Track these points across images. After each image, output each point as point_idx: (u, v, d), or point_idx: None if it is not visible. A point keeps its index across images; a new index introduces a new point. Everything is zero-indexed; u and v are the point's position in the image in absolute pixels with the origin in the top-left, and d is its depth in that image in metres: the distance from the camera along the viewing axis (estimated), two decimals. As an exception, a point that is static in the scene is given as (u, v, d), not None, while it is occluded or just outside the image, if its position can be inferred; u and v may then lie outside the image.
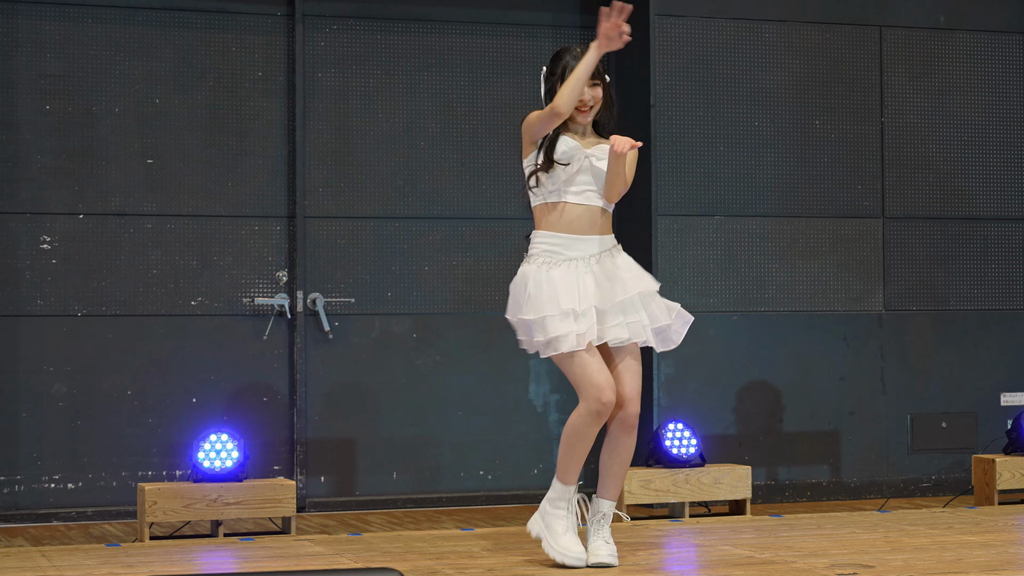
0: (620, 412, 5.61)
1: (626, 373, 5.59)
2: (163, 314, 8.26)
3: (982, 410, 9.10)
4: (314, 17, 8.52)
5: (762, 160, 8.80)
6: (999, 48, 9.19)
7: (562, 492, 5.65)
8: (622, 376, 5.59)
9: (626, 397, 5.58)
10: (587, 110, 5.63)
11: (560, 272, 5.55)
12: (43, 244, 8.11)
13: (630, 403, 5.59)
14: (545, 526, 5.65)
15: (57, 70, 8.14)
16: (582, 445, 5.60)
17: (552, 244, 5.60)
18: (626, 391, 5.59)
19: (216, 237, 8.35)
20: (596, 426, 5.55)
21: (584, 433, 5.56)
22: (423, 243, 8.62)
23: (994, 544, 6.20)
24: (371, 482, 8.51)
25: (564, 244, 5.59)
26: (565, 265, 5.57)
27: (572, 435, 5.58)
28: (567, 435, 5.59)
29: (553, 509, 5.64)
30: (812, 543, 6.27)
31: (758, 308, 8.78)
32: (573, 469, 5.64)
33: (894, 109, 9.02)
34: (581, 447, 5.60)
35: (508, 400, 8.72)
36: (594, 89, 5.63)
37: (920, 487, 9.00)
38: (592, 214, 5.61)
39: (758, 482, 8.63)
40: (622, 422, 5.62)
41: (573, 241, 5.59)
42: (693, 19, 8.69)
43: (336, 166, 8.53)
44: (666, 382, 8.52)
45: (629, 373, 5.59)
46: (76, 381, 8.12)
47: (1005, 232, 9.19)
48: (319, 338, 8.46)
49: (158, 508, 6.93)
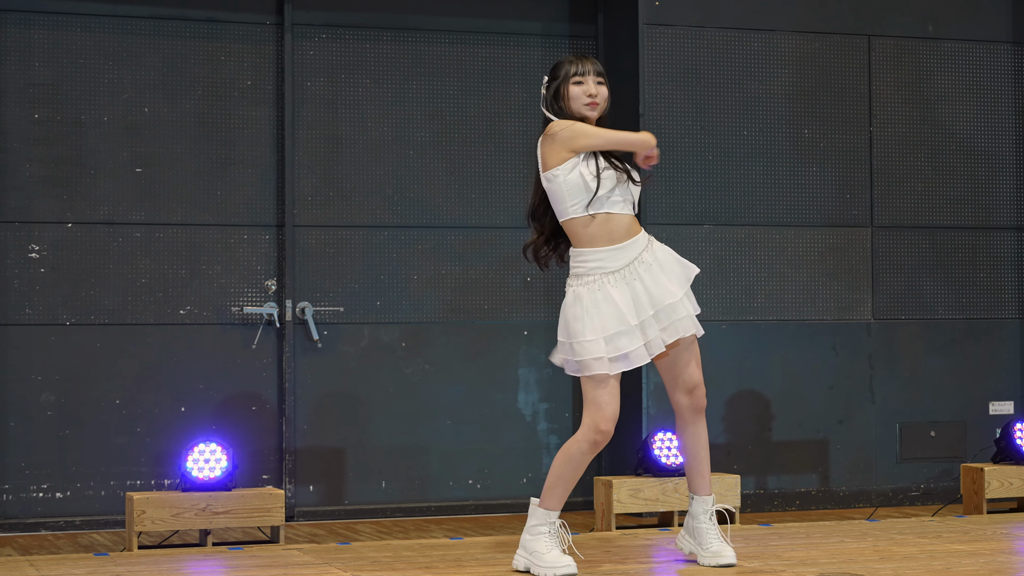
0: (688, 399, 5.71)
1: (691, 361, 5.70)
2: (152, 323, 8.25)
3: (971, 419, 9.11)
4: (303, 26, 8.52)
5: (751, 169, 8.81)
6: (987, 57, 9.21)
7: (544, 517, 5.65)
8: (688, 364, 5.69)
9: (693, 384, 5.71)
10: (595, 105, 5.68)
11: (611, 288, 5.58)
12: (32, 253, 8.10)
13: (697, 388, 5.72)
14: (528, 553, 5.66)
15: (46, 79, 8.14)
16: (574, 473, 5.63)
17: (600, 259, 5.62)
18: (693, 378, 5.71)
19: (205, 246, 8.35)
20: (591, 454, 5.60)
21: (576, 459, 5.61)
22: (412, 252, 8.62)
23: (983, 553, 6.20)
24: (360, 491, 8.50)
25: (611, 257, 5.62)
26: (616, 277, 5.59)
27: (565, 461, 5.62)
28: (560, 461, 5.62)
29: (534, 535, 5.65)
30: (801, 552, 6.27)
31: (747, 317, 8.79)
32: (559, 496, 5.66)
33: (883, 118, 9.04)
34: (570, 473, 5.63)
35: (497, 409, 8.71)
36: (600, 87, 5.68)
37: (909, 496, 9.01)
38: (626, 221, 5.66)
39: (747, 491, 8.63)
40: (691, 408, 5.73)
41: (618, 252, 5.62)
42: (682, 28, 8.71)
43: (325, 175, 8.53)
44: (655, 391, 8.52)
45: (694, 361, 5.71)
46: (64, 390, 8.11)
47: (993, 241, 9.21)
48: (308, 347, 8.46)
49: (146, 517, 6.92)
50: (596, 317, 5.56)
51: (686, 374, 5.71)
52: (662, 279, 5.62)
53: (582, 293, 5.61)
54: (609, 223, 5.63)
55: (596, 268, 5.61)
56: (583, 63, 5.69)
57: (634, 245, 5.65)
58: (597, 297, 5.59)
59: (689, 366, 5.71)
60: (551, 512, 5.66)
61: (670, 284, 5.63)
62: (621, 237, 5.63)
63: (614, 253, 5.62)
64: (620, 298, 5.57)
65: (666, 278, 5.63)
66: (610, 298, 5.57)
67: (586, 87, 5.66)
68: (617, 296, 5.57)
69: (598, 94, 5.68)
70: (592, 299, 5.58)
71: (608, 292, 5.58)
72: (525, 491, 8.70)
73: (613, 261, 5.61)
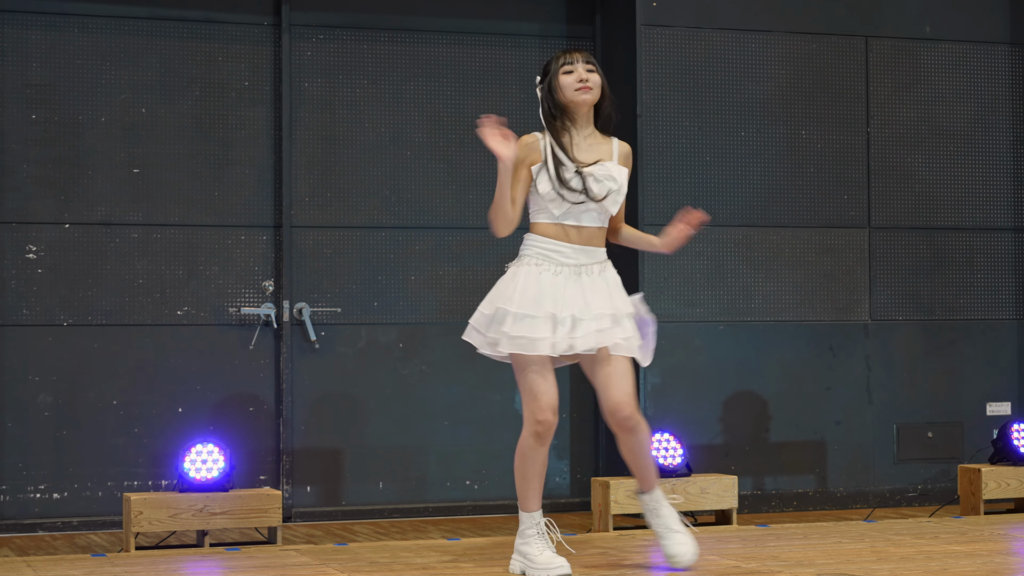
0: (612, 418, 5.63)
1: (612, 378, 5.59)
2: (149, 324, 8.25)
3: (968, 420, 9.12)
4: (300, 27, 8.52)
5: (748, 170, 8.81)
6: (985, 58, 9.21)
7: (527, 520, 5.65)
8: (609, 382, 5.59)
9: (615, 402, 5.58)
10: (588, 89, 5.61)
11: (549, 276, 5.56)
12: (29, 254, 8.10)
13: (620, 408, 5.58)
14: (523, 557, 5.66)
15: (43, 79, 8.13)
16: (530, 469, 5.61)
17: (545, 249, 5.60)
18: (614, 397, 5.58)
19: (202, 247, 8.34)
20: (538, 447, 5.57)
21: (528, 456, 5.59)
22: (410, 253, 8.62)
23: (980, 554, 6.20)
24: (357, 492, 8.50)
25: (557, 251, 5.60)
26: (555, 270, 5.58)
27: (519, 460, 5.63)
28: (517, 462, 5.63)
29: (523, 541, 5.65)
30: (798, 553, 6.27)
31: (744, 318, 8.79)
32: (530, 495, 5.64)
33: (880, 119, 9.04)
34: (529, 471, 5.61)
35: (494, 410, 8.71)
36: (590, 73, 5.62)
37: (906, 497, 9.01)
38: (589, 232, 5.64)
39: (744, 492, 8.63)
40: (619, 426, 5.63)
41: (566, 248, 5.60)
42: (679, 29, 8.71)
43: (322, 176, 8.53)
44: (652, 392, 8.52)
45: (615, 377, 5.58)
46: (61, 391, 8.11)
47: (991, 242, 9.21)
48: (305, 348, 8.46)
49: (144, 518, 6.92)
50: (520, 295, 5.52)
51: (607, 394, 5.60)
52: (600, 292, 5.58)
53: (519, 271, 5.59)
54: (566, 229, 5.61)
55: (540, 255, 5.59)
56: (570, 53, 5.65)
57: (588, 252, 5.62)
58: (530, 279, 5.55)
59: (609, 386, 5.59)
60: (533, 513, 5.64)
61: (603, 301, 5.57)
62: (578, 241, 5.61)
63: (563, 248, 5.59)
64: (549, 286, 5.53)
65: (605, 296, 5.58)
66: (541, 282, 5.54)
67: (576, 73, 5.61)
68: (547, 283, 5.54)
69: (589, 78, 5.61)
70: (526, 278, 5.55)
71: (541, 277, 5.55)
72: (522, 492, 8.70)
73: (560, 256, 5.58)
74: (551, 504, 8.72)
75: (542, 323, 5.51)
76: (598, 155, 5.66)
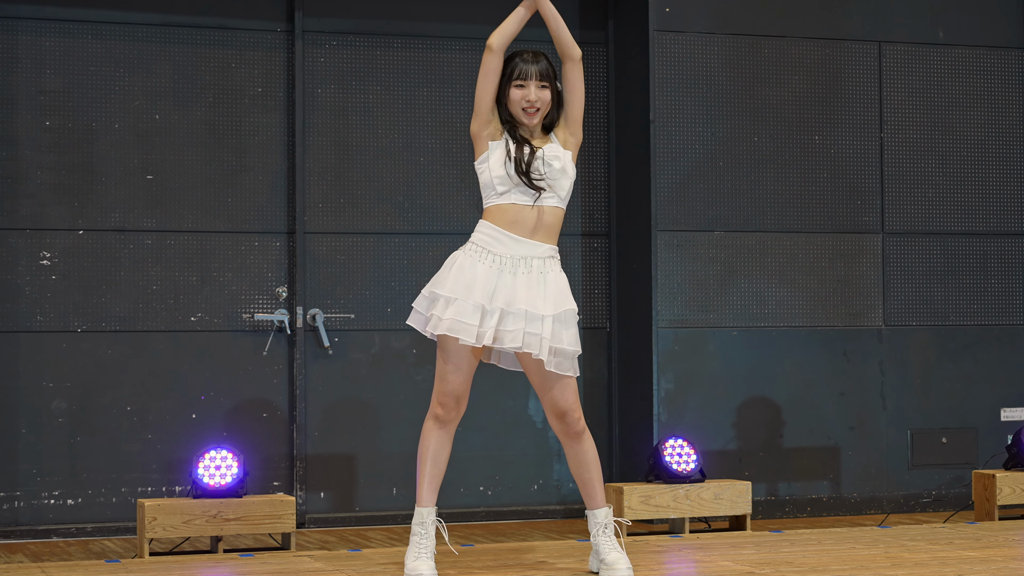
0: (559, 423, 5.62)
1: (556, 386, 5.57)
2: (163, 330, 8.26)
3: (982, 425, 9.10)
4: (314, 33, 8.53)
5: (762, 176, 8.81)
6: (998, 63, 9.20)
7: (416, 515, 5.63)
8: (552, 390, 5.58)
9: (561, 410, 5.58)
10: (534, 112, 5.58)
11: (484, 267, 5.53)
12: (43, 260, 8.11)
13: (566, 415, 5.58)
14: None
15: (57, 86, 8.15)
16: (425, 455, 5.58)
17: (489, 236, 5.57)
18: (559, 405, 5.58)
19: (216, 253, 8.36)
20: (435, 432, 5.57)
21: (426, 440, 5.59)
22: (423, 259, 8.62)
23: (995, 560, 6.19)
24: (371, 498, 8.50)
25: (498, 240, 5.56)
26: (491, 260, 5.55)
27: (419, 447, 5.61)
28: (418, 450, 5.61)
29: (412, 536, 5.63)
30: (812, 558, 6.26)
31: (758, 323, 8.78)
32: (424, 487, 5.59)
33: (893, 124, 9.03)
34: (425, 458, 5.58)
35: (508, 415, 8.71)
36: (541, 91, 5.58)
37: (920, 502, 8.99)
38: (538, 216, 5.58)
39: (758, 497, 8.63)
40: (564, 433, 5.63)
41: (508, 239, 5.56)
42: (692, 35, 8.70)
43: (336, 182, 8.54)
44: (666, 398, 8.52)
45: (558, 386, 5.57)
46: (75, 397, 8.12)
47: (1005, 247, 9.20)
48: (319, 354, 8.46)
49: (158, 524, 6.92)
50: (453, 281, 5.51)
51: (553, 399, 5.57)
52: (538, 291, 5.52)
53: (458, 258, 5.57)
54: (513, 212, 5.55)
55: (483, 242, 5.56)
56: (527, 64, 5.60)
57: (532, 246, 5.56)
58: (465, 264, 5.53)
59: (557, 391, 5.56)
60: (420, 509, 5.60)
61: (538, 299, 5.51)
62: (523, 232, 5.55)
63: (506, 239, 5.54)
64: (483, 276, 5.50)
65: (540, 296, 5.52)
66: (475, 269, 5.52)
67: (525, 91, 5.57)
68: (482, 273, 5.51)
69: (538, 99, 5.57)
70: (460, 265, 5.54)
71: (476, 266, 5.52)
72: (536, 498, 8.70)
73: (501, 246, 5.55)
74: (564, 510, 8.72)
75: (471, 311, 5.49)
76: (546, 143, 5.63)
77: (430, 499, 5.61)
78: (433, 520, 5.63)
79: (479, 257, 5.55)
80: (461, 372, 5.58)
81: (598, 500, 5.69)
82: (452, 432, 5.62)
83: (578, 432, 5.62)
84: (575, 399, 5.59)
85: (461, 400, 5.58)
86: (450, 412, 5.56)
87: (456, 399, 5.56)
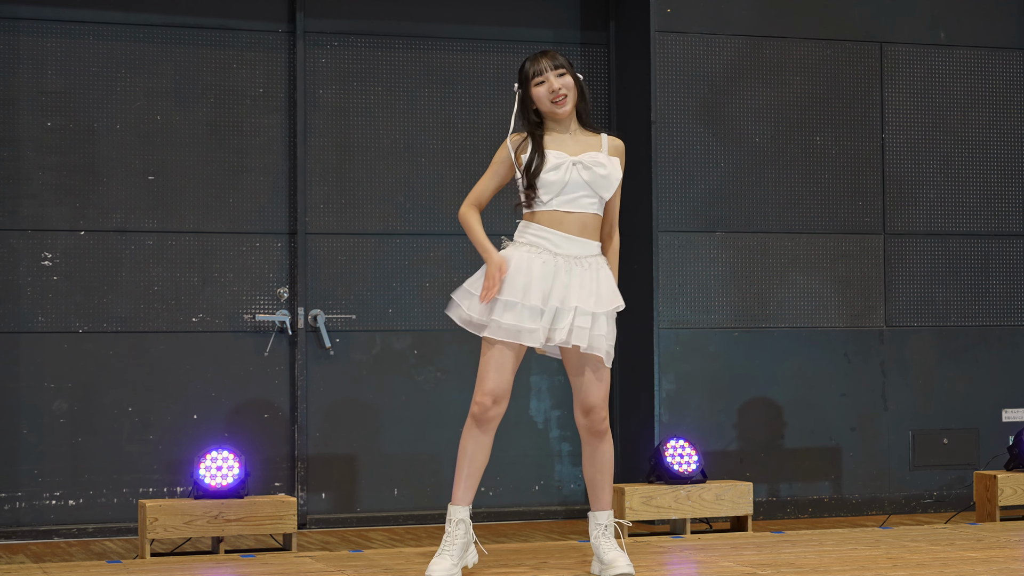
0: (584, 419, 5.65)
1: (590, 381, 5.60)
2: (164, 331, 8.26)
3: (983, 426, 9.10)
4: (315, 34, 8.53)
5: (763, 176, 8.81)
6: (999, 64, 9.20)
7: (449, 512, 5.64)
8: (585, 384, 5.61)
9: (589, 405, 5.62)
10: (562, 99, 5.62)
11: (539, 265, 5.55)
12: (44, 261, 8.11)
13: (593, 411, 5.62)
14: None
15: (58, 87, 8.15)
16: (463, 456, 5.58)
17: (539, 236, 5.60)
18: (589, 399, 5.61)
19: (217, 253, 8.36)
20: (472, 432, 5.56)
21: (464, 438, 5.59)
22: (424, 259, 8.63)
23: (996, 560, 6.19)
24: (372, 499, 8.50)
25: (550, 240, 5.59)
26: (545, 259, 5.57)
27: (460, 443, 5.61)
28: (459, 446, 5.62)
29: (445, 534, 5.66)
30: (814, 559, 6.26)
31: (759, 324, 8.78)
32: (459, 486, 5.61)
33: (895, 125, 9.03)
34: (462, 458, 5.58)
35: (509, 416, 8.69)
36: (562, 79, 5.62)
37: (922, 503, 8.99)
38: (583, 219, 5.62)
39: (760, 498, 8.63)
40: (588, 429, 5.66)
41: (560, 239, 5.60)
42: (694, 35, 8.71)
43: (337, 182, 8.54)
44: (667, 398, 8.52)
45: (592, 382, 5.60)
46: (77, 397, 8.12)
47: (1006, 248, 9.20)
48: (320, 354, 8.46)
49: (159, 525, 6.92)
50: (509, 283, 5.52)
51: (584, 393, 5.62)
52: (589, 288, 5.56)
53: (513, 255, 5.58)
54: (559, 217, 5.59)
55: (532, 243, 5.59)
56: (537, 61, 5.64)
57: (582, 244, 5.60)
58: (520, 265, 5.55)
59: (589, 386, 5.60)
60: (453, 507, 5.62)
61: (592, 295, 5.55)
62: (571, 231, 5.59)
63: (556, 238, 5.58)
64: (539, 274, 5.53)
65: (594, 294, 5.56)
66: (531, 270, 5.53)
67: (548, 84, 5.62)
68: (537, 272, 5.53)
69: (561, 86, 5.61)
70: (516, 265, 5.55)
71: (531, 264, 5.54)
72: (537, 499, 8.69)
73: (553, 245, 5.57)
74: (565, 511, 8.72)
75: (529, 313, 5.51)
76: (586, 148, 5.67)
77: (464, 498, 5.63)
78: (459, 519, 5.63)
79: (531, 255, 5.57)
80: (502, 370, 5.56)
81: (604, 503, 5.73)
82: (491, 432, 5.60)
83: (600, 431, 5.66)
84: (603, 398, 5.64)
85: (500, 400, 5.57)
86: (487, 411, 5.55)
87: (494, 397, 5.55)
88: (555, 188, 5.58)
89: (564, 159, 5.60)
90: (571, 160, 5.60)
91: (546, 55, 5.66)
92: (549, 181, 5.58)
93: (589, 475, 5.73)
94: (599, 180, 5.61)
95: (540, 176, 5.58)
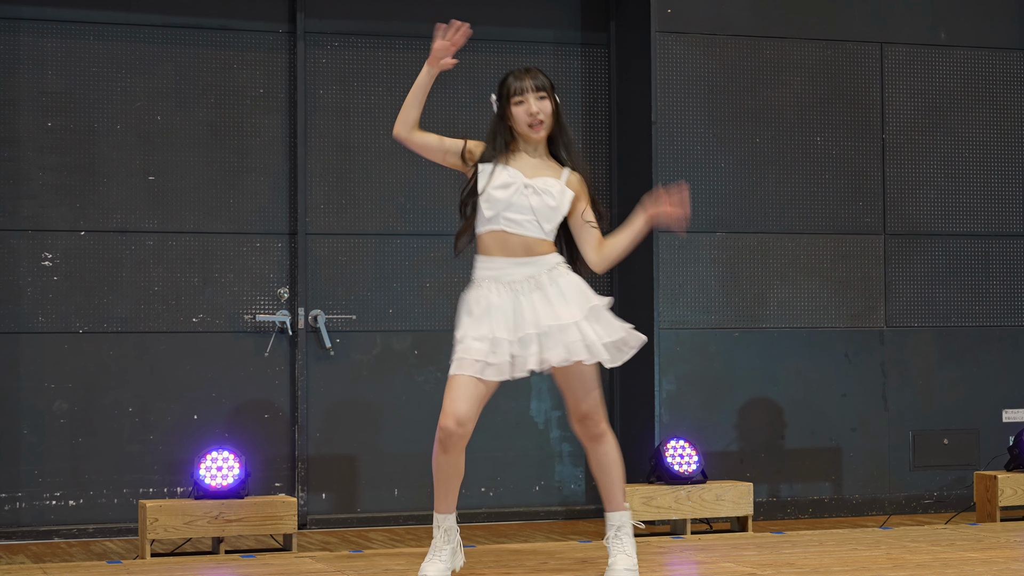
0: (580, 427, 5.63)
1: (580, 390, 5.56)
2: (164, 331, 8.26)
3: (984, 427, 9.10)
4: (315, 34, 8.53)
5: (763, 177, 8.81)
6: (1000, 64, 9.20)
7: (435, 520, 5.65)
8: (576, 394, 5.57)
9: (582, 414, 5.59)
10: (539, 124, 5.52)
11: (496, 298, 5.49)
12: (44, 261, 8.11)
13: (587, 418, 5.59)
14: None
15: (59, 87, 8.15)
16: (437, 472, 5.57)
17: (489, 269, 5.54)
18: (581, 408, 5.58)
19: (217, 254, 8.36)
20: (442, 453, 5.51)
21: (436, 459, 5.56)
22: (424, 260, 8.63)
23: (996, 561, 6.19)
24: (373, 499, 8.50)
25: (501, 269, 5.52)
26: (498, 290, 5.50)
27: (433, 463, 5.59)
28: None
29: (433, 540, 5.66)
30: (814, 560, 6.26)
31: (760, 325, 8.78)
32: (439, 499, 5.62)
33: (895, 125, 9.03)
34: (437, 473, 5.57)
35: (509, 417, 8.71)
36: (542, 102, 5.52)
37: (922, 504, 8.99)
38: (528, 242, 5.52)
39: (760, 499, 8.62)
40: (585, 436, 5.64)
41: (508, 264, 5.52)
42: (694, 36, 8.70)
43: (337, 183, 8.54)
44: (667, 399, 8.52)
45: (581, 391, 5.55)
46: (77, 398, 8.12)
47: (1006, 248, 9.20)
48: (320, 355, 8.46)
49: (159, 525, 6.92)
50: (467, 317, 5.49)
51: (576, 403, 5.58)
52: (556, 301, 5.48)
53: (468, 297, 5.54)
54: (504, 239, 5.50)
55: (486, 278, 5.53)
56: (521, 78, 5.54)
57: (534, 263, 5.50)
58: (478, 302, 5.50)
59: (580, 396, 5.56)
60: (437, 515, 5.64)
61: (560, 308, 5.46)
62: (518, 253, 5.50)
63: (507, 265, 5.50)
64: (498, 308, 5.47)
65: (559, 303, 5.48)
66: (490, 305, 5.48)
67: (526, 106, 5.52)
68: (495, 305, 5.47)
69: (540, 111, 5.51)
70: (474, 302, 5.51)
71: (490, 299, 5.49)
72: (538, 499, 8.69)
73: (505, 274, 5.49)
74: (566, 511, 8.72)
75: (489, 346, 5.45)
76: (545, 174, 5.55)
77: (446, 507, 5.64)
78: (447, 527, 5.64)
79: (484, 290, 5.52)
80: (464, 396, 5.50)
81: (613, 503, 5.70)
82: (459, 452, 5.53)
83: (597, 436, 5.62)
84: (596, 405, 5.60)
85: (465, 423, 5.47)
86: (451, 436, 5.46)
87: (457, 420, 5.46)
88: (499, 206, 5.49)
89: (517, 179, 5.50)
90: (524, 182, 5.50)
91: (529, 73, 5.55)
92: (495, 198, 5.49)
93: (596, 477, 5.73)
94: (545, 209, 5.49)
95: (487, 191, 5.50)
